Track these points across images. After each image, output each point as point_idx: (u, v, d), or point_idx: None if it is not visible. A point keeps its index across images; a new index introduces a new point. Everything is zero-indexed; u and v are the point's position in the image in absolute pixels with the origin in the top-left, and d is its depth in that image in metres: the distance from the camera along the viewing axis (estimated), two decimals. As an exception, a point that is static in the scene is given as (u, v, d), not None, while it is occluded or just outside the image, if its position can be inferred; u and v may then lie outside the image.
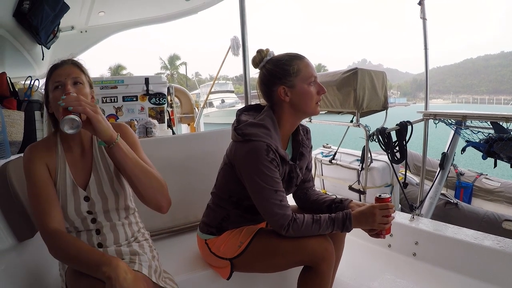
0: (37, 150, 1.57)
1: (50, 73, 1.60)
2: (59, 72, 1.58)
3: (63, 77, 1.56)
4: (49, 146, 1.61)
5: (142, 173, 1.54)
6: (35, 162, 1.54)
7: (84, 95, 1.56)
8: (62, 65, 1.61)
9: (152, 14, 4.80)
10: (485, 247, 2.32)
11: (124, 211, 1.70)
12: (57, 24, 3.42)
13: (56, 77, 1.57)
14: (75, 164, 1.63)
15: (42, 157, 1.56)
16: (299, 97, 1.77)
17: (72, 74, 1.58)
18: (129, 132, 1.74)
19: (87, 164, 1.65)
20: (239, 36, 3.07)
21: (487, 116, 2.86)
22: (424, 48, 3.72)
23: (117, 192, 1.65)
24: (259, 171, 1.66)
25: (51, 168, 1.57)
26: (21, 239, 1.89)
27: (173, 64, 69.48)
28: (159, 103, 5.02)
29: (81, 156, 1.65)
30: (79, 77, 1.60)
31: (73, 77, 1.58)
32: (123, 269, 1.31)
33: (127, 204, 1.71)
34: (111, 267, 1.29)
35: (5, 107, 2.29)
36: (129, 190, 1.74)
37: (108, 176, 1.65)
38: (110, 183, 1.64)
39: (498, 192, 5.39)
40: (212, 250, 1.93)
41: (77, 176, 1.61)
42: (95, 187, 1.61)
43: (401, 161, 3.48)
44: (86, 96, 1.57)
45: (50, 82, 1.59)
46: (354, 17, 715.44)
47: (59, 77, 1.57)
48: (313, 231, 1.70)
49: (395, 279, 2.42)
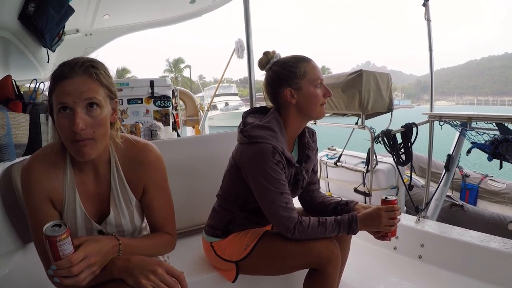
0: (37, 172, 1.30)
1: (54, 84, 1.22)
2: (66, 88, 1.19)
3: (72, 97, 1.19)
4: (55, 165, 1.34)
5: (150, 255, 1.43)
6: (34, 195, 1.30)
7: (102, 122, 1.25)
8: (71, 76, 1.20)
9: (156, 17, 4.81)
10: (491, 249, 2.31)
11: (138, 232, 1.59)
12: (62, 27, 3.43)
13: (62, 94, 1.19)
14: (87, 194, 1.40)
15: (43, 185, 1.31)
16: (306, 100, 1.77)
17: (84, 94, 1.20)
18: (155, 170, 1.48)
19: (103, 194, 1.43)
20: (243, 38, 3.08)
21: (493, 117, 2.84)
22: (429, 50, 3.71)
23: (136, 226, 1.50)
24: (265, 173, 1.65)
25: (57, 199, 1.34)
26: (26, 241, 1.89)
27: (177, 67, 69.65)
28: (164, 105, 5.04)
29: (95, 182, 1.42)
30: (95, 97, 1.23)
31: (85, 98, 1.21)
32: None
33: (142, 229, 1.60)
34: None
35: (10, 110, 2.29)
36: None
37: (128, 211, 1.46)
38: (130, 218, 1.46)
39: (504, 193, 5.35)
40: (218, 252, 1.92)
41: (90, 208, 1.40)
42: (113, 223, 1.42)
43: (406, 163, 3.47)
44: (104, 124, 1.27)
45: (54, 96, 1.23)
46: (356, 17, 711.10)
47: (65, 96, 1.19)
48: (319, 233, 1.69)
49: (400, 281, 2.41)
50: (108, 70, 1.33)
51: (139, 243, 1.43)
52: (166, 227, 1.55)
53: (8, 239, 1.82)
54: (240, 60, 5.70)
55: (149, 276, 1.18)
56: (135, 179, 1.45)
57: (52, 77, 1.24)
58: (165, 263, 1.24)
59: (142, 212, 1.54)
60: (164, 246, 1.54)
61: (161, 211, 1.53)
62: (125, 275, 1.21)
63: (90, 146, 1.24)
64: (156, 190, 1.50)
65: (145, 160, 1.45)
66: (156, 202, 1.51)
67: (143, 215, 1.55)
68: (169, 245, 1.56)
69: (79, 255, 1.13)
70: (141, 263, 1.23)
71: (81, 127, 1.19)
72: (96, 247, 1.20)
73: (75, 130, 1.18)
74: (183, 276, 1.26)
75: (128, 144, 1.45)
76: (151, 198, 1.49)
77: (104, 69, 1.31)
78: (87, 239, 1.20)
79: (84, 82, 1.21)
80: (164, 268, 1.22)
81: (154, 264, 1.22)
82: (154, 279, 1.18)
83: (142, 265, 1.21)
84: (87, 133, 1.22)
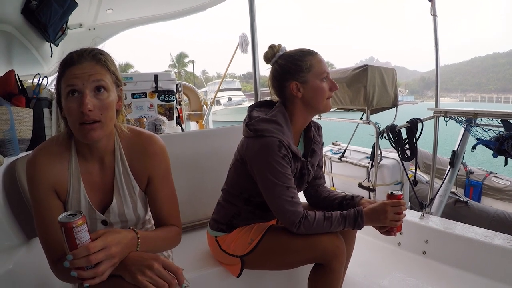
0: (43, 163, 1.31)
1: (63, 70, 1.25)
2: (75, 72, 1.22)
3: (81, 80, 1.22)
4: (60, 155, 1.36)
5: (163, 248, 1.51)
6: (39, 187, 1.31)
7: (108, 105, 1.28)
8: (80, 61, 1.24)
9: (160, 11, 4.79)
10: (496, 245, 2.30)
11: (142, 224, 1.62)
12: (65, 21, 3.43)
13: (71, 78, 1.22)
14: (92, 183, 1.41)
15: (48, 177, 1.31)
16: (312, 93, 1.76)
17: (92, 77, 1.24)
18: (159, 161, 1.49)
19: (107, 184, 1.44)
20: (247, 33, 3.07)
21: (498, 113, 2.83)
22: (435, 45, 3.69)
23: (139, 216, 1.52)
24: (271, 167, 1.65)
25: (61, 189, 1.35)
26: (30, 236, 1.90)
27: (180, 61, 69.61)
28: (168, 100, 5.04)
29: (100, 172, 1.43)
30: (103, 80, 1.26)
31: (94, 81, 1.24)
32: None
33: (145, 221, 1.63)
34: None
35: (13, 105, 2.28)
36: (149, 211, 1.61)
37: (131, 199, 1.47)
38: (133, 207, 1.48)
39: (508, 190, 5.35)
40: (223, 247, 1.92)
41: (94, 197, 1.41)
42: (116, 211, 1.44)
43: (411, 159, 3.45)
44: (111, 107, 1.30)
45: (62, 82, 1.25)
46: (360, 14, 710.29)
47: (74, 79, 1.22)
48: (324, 228, 1.69)
49: (404, 277, 2.41)
50: (114, 59, 1.37)
51: (154, 236, 1.43)
52: (172, 219, 1.56)
53: (12, 234, 1.82)
54: (243, 55, 5.68)
55: (145, 271, 1.17)
56: (139, 168, 1.47)
57: (61, 64, 1.27)
58: (162, 258, 1.23)
59: (146, 203, 1.55)
60: (174, 238, 1.54)
61: (166, 203, 1.53)
62: (123, 271, 1.19)
63: (97, 128, 1.25)
64: (160, 181, 1.51)
65: (149, 150, 1.47)
66: (160, 193, 1.51)
67: (146, 206, 1.56)
68: (177, 237, 1.57)
69: (98, 244, 1.11)
70: (138, 258, 1.22)
71: (89, 107, 1.20)
72: (116, 238, 1.19)
73: (83, 111, 1.20)
74: (180, 271, 1.25)
75: (134, 134, 1.48)
76: (156, 189, 1.50)
77: (111, 57, 1.35)
78: (106, 231, 1.18)
79: (92, 66, 1.25)
80: (161, 263, 1.21)
81: (150, 259, 1.21)
82: (150, 274, 1.17)
83: (139, 261, 1.21)
84: (95, 114, 1.24)
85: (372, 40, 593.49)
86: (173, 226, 1.55)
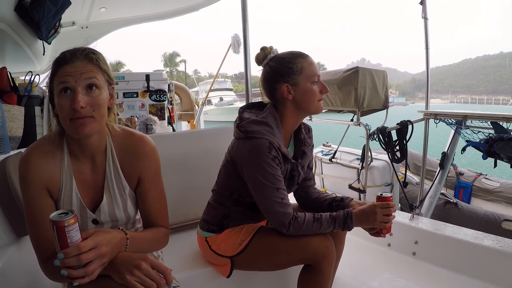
0: (35, 162, 1.31)
1: (56, 68, 1.27)
2: (68, 70, 1.25)
3: (73, 78, 1.24)
4: (53, 153, 1.36)
5: (152, 248, 1.52)
6: (31, 186, 1.31)
7: (100, 102, 1.29)
8: (73, 60, 1.26)
9: (153, 11, 4.80)
10: (485, 247, 2.33)
11: (132, 224, 1.63)
12: (58, 19, 3.42)
13: (64, 76, 1.24)
14: (83, 181, 1.42)
15: (41, 176, 1.31)
16: (302, 95, 1.76)
17: (85, 74, 1.26)
18: (149, 161, 1.50)
19: (98, 183, 1.45)
20: (239, 34, 3.07)
21: (488, 116, 2.86)
22: (426, 48, 3.71)
23: (129, 215, 1.52)
24: (261, 168, 1.65)
25: (54, 188, 1.35)
26: (20, 235, 1.88)
27: (172, 61, 69.42)
28: (160, 100, 5.04)
29: (91, 170, 1.44)
30: (95, 78, 1.28)
31: (86, 78, 1.26)
32: None
33: (135, 221, 1.65)
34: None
35: (5, 102, 2.28)
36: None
37: (121, 198, 1.48)
38: (123, 207, 1.48)
39: (498, 192, 5.39)
40: (213, 248, 1.92)
41: (86, 196, 1.42)
42: (106, 210, 1.44)
43: (401, 160, 3.48)
44: (103, 104, 1.31)
45: (55, 80, 1.27)
46: (352, 16, 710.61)
47: (67, 76, 1.24)
48: (314, 229, 1.69)
49: (394, 278, 2.42)
50: (106, 58, 1.38)
51: (143, 236, 1.44)
52: (160, 220, 1.56)
53: (1, 232, 1.81)
54: (235, 55, 5.69)
55: (134, 271, 1.18)
56: (129, 168, 1.48)
57: (54, 63, 1.29)
58: (151, 258, 1.24)
59: (136, 203, 1.55)
60: (162, 239, 1.55)
61: (155, 203, 1.54)
62: (111, 271, 1.20)
63: (88, 122, 1.26)
64: (150, 182, 1.51)
65: (141, 151, 1.48)
66: (150, 194, 1.52)
67: (137, 206, 1.56)
68: (165, 238, 1.57)
69: (88, 243, 1.11)
70: (126, 258, 1.22)
71: (81, 104, 1.22)
72: (106, 238, 1.18)
73: (76, 108, 1.22)
74: (169, 271, 1.25)
75: (126, 134, 1.49)
76: (145, 190, 1.51)
77: (103, 57, 1.37)
78: (96, 230, 1.19)
79: (85, 65, 1.28)
80: (150, 263, 1.21)
81: (139, 259, 1.21)
82: (138, 274, 1.17)
83: (128, 261, 1.21)
84: (87, 111, 1.25)
85: (363, 42, 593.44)
86: (161, 227, 1.56)
